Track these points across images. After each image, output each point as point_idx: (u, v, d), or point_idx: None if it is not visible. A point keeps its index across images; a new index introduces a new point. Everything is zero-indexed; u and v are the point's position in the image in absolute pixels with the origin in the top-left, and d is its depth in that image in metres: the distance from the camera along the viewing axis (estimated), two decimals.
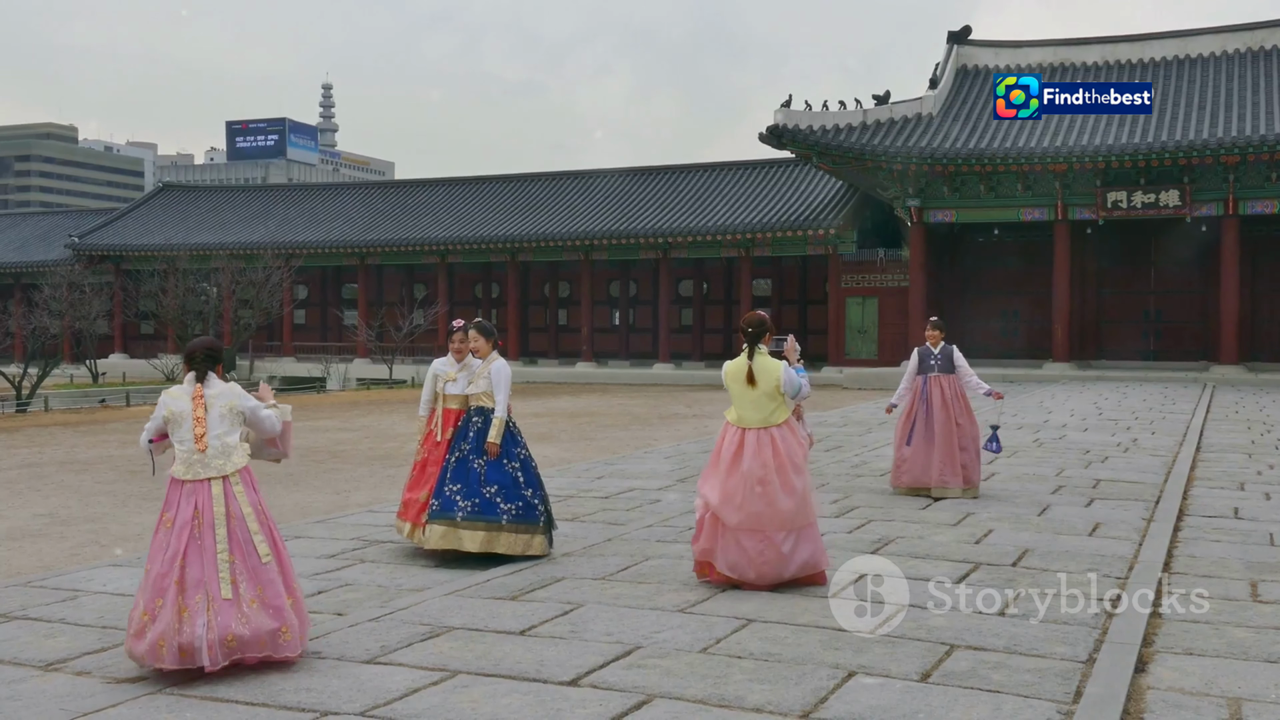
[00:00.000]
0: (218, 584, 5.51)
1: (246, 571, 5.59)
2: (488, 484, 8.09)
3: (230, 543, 5.61)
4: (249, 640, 5.49)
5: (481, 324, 8.54)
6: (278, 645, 5.57)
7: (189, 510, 5.65)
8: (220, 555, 5.56)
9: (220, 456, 5.78)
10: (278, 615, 5.58)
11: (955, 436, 11.17)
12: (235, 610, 5.50)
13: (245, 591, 5.56)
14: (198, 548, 5.57)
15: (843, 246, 40.24)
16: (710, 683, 5.31)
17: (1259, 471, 13.10)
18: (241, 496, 5.74)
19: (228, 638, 5.45)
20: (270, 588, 5.62)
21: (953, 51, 40.71)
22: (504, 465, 8.16)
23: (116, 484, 15.08)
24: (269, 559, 5.66)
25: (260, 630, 5.51)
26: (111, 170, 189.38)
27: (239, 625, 5.47)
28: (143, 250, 51.98)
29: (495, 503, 8.06)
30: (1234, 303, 34.71)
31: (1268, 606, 6.75)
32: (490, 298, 50.85)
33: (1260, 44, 37.88)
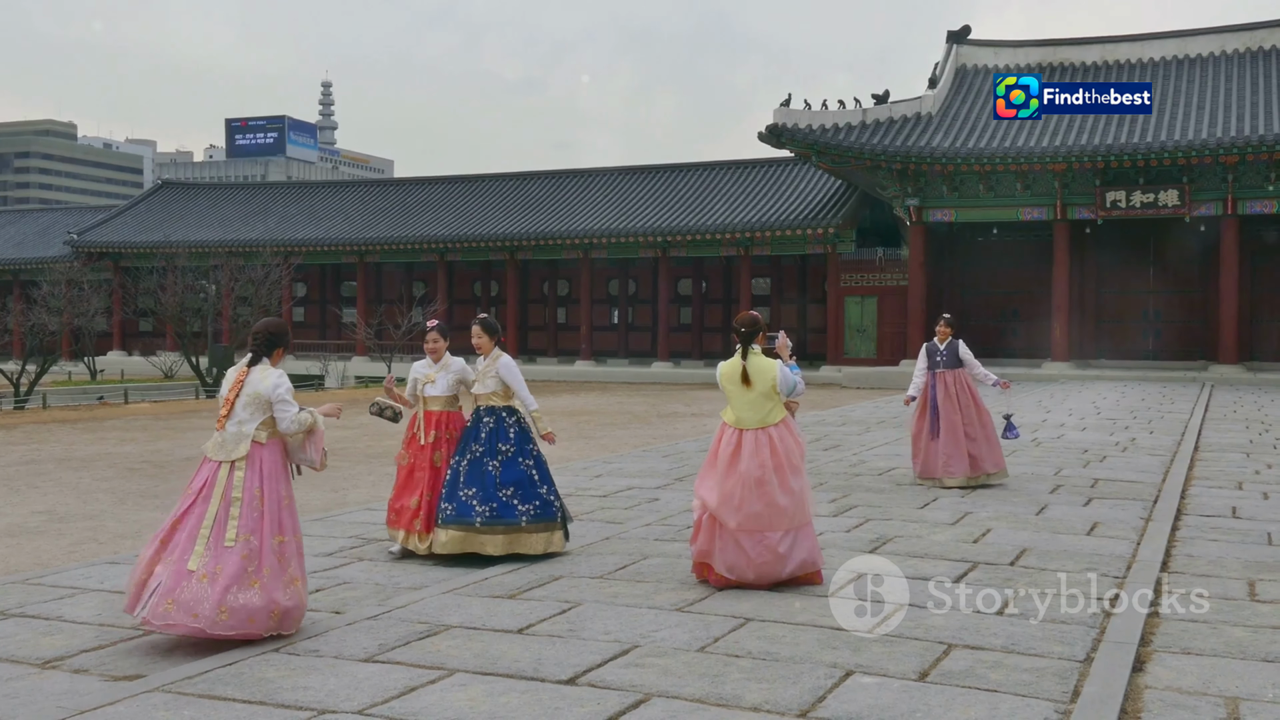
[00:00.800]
0: (190, 555, 5.93)
1: (214, 549, 5.94)
2: (504, 485, 8.00)
3: (214, 522, 5.99)
4: (185, 604, 5.80)
5: (485, 320, 8.38)
6: (213, 620, 5.80)
7: (199, 484, 6.16)
8: (202, 531, 5.97)
9: (232, 442, 6.15)
10: (222, 594, 5.83)
11: (961, 428, 11.76)
12: (187, 580, 5.86)
13: (204, 567, 5.90)
14: (193, 515, 6.04)
15: (842, 246, 40.26)
16: (708, 682, 5.31)
17: (1257, 471, 13.11)
18: (239, 483, 6.05)
19: (167, 599, 5.82)
20: (227, 568, 5.90)
21: (952, 51, 40.71)
22: (519, 463, 8.08)
23: (115, 481, 15.07)
24: (232, 543, 5.94)
25: (200, 601, 5.81)
26: (110, 167, 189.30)
27: (181, 593, 5.83)
28: (141, 247, 51.96)
29: (513, 505, 7.97)
30: (1233, 302, 34.73)
31: (1265, 606, 6.75)
32: (489, 296, 50.85)
33: (1259, 44, 37.89)
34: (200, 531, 5.97)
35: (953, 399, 11.89)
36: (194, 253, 48.21)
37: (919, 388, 12.20)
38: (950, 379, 11.97)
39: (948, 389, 11.93)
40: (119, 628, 6.43)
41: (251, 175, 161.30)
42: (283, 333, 6.50)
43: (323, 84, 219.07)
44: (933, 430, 11.89)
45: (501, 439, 8.14)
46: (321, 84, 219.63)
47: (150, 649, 6.01)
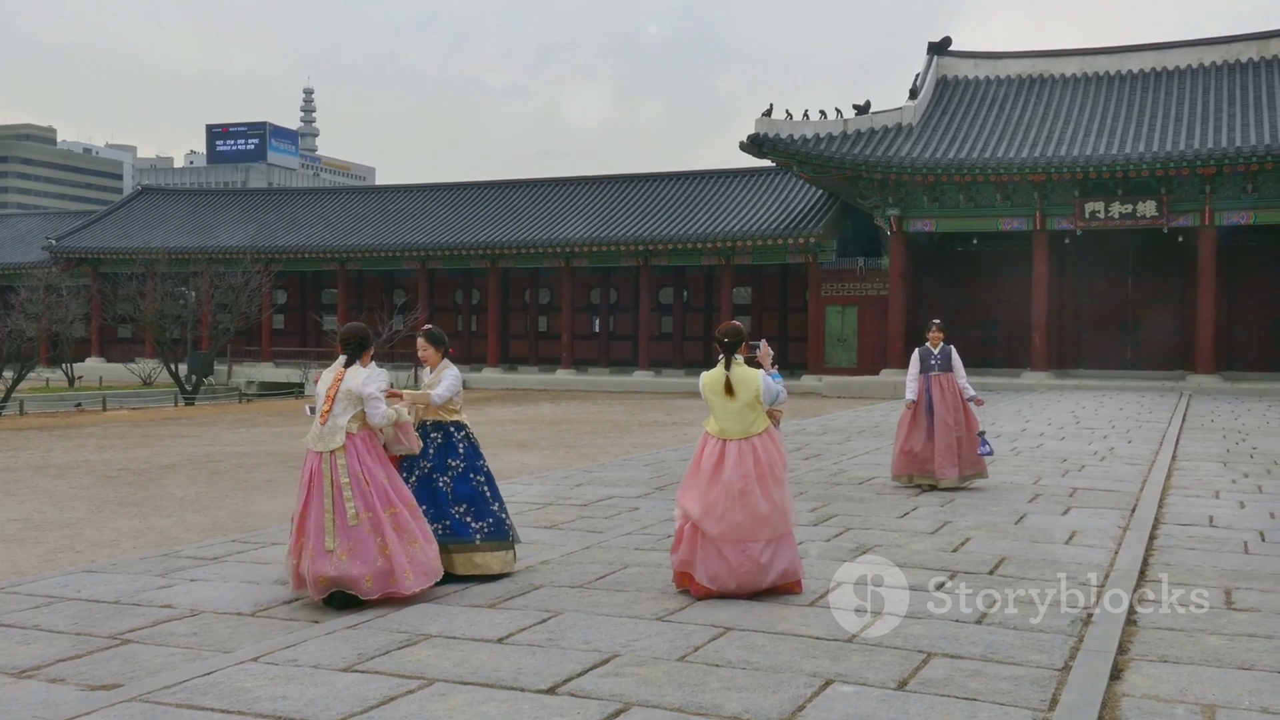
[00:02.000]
0: (323, 537, 6.90)
1: (341, 529, 6.89)
2: (456, 502, 7.71)
3: (333, 506, 6.92)
4: (335, 579, 6.84)
5: (429, 332, 8.03)
6: (364, 589, 6.84)
7: (306, 473, 7.09)
8: (327, 514, 6.92)
9: (329, 434, 7.05)
10: (366, 565, 6.85)
11: (953, 430, 12.18)
12: (329, 558, 6.85)
13: (339, 545, 6.87)
14: (314, 505, 6.98)
15: (823, 255, 40.38)
16: (688, 691, 5.31)
17: (1234, 480, 13.18)
18: (343, 469, 6.97)
19: (320, 578, 6.86)
20: (361, 543, 6.88)
21: (933, 62, 40.92)
22: (471, 480, 7.80)
23: (92, 489, 14.99)
24: (355, 521, 6.89)
25: (345, 574, 6.83)
26: (90, 172, 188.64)
27: (329, 569, 6.84)
28: (121, 253, 51.71)
29: (466, 523, 7.67)
30: (1210, 313, 34.95)
31: (1242, 614, 6.79)
32: (471, 304, 50.80)
33: (1236, 57, 38.19)
34: (325, 515, 6.91)
35: (947, 402, 12.30)
36: (174, 259, 48.01)
37: (915, 391, 12.48)
38: (945, 381, 12.39)
39: (943, 391, 12.33)
40: (96, 636, 6.40)
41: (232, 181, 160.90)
42: (368, 336, 7.39)
43: (304, 90, 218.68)
44: (928, 432, 12.21)
45: (451, 454, 7.82)
46: (303, 90, 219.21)
47: (127, 658, 5.99)
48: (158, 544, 10.73)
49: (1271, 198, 33.87)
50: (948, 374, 12.45)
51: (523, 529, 9.93)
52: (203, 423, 28.01)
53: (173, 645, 6.25)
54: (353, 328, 7.32)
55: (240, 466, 17.74)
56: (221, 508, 13.45)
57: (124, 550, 10.57)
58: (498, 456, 18.16)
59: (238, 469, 17.41)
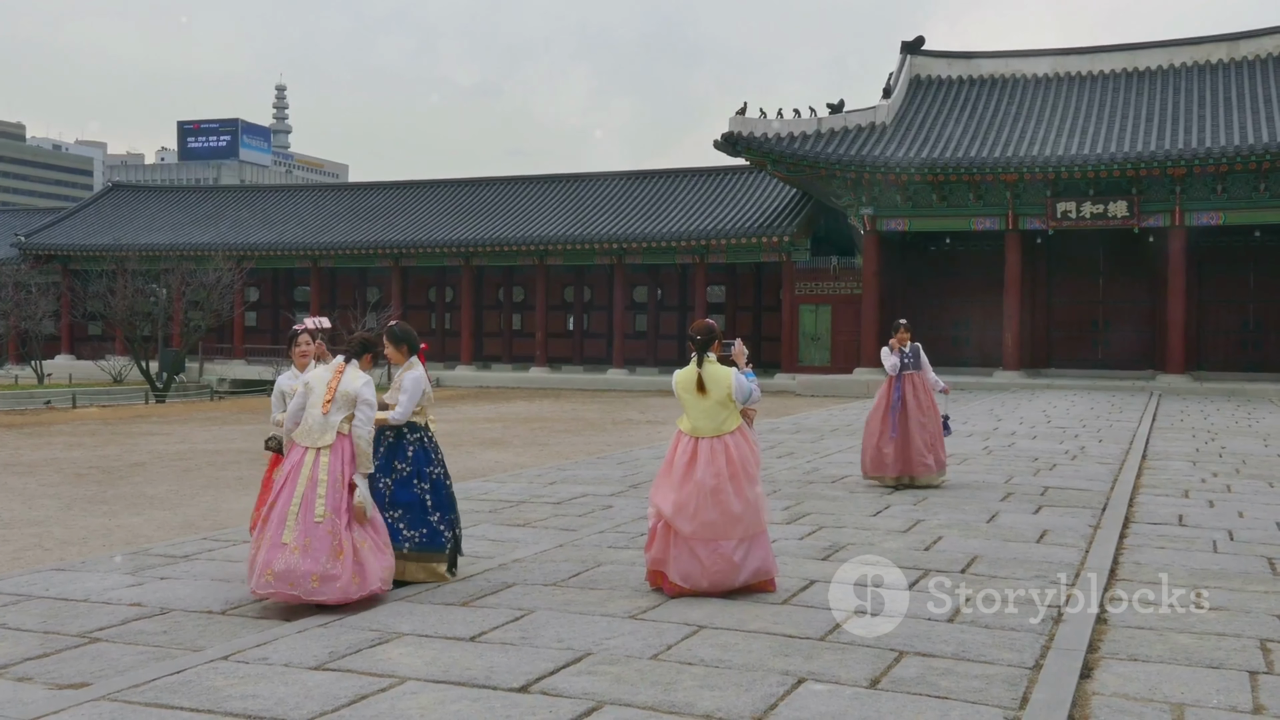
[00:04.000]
0: (282, 529, 6.78)
1: (303, 524, 6.76)
2: (393, 507, 7.44)
3: (302, 501, 6.83)
4: (281, 574, 6.68)
5: (391, 330, 7.79)
6: (309, 589, 6.67)
7: (287, 466, 7.06)
8: (291, 508, 6.82)
9: (319, 430, 7.01)
10: (316, 564, 6.69)
11: (928, 428, 12.33)
12: (282, 551, 6.73)
13: (295, 540, 6.74)
14: (284, 497, 6.90)
15: (797, 254, 40.47)
16: (660, 689, 5.31)
17: (1203, 479, 13.28)
18: (324, 467, 6.92)
19: (267, 571, 6.71)
20: (318, 542, 6.74)
21: (906, 62, 41.05)
22: (413, 485, 7.51)
23: (61, 487, 14.88)
24: (321, 519, 6.78)
25: (294, 569, 6.68)
26: (60, 169, 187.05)
27: (278, 563, 6.71)
28: (91, 250, 51.32)
29: (399, 529, 7.39)
30: (1180, 313, 35.22)
31: (1211, 613, 6.84)
32: (444, 301, 50.67)
33: (1206, 58, 38.49)
34: (290, 509, 6.81)
35: (919, 400, 12.42)
36: (145, 256, 47.66)
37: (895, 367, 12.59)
38: (917, 380, 12.51)
39: (915, 390, 12.45)
40: (64, 635, 6.35)
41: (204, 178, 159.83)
42: (377, 341, 7.52)
43: (277, 87, 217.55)
44: (901, 431, 12.30)
45: (399, 457, 7.55)
46: (275, 87, 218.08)
47: (96, 657, 5.94)
48: (128, 542, 10.66)
49: (1241, 199, 34.17)
50: (918, 372, 12.57)
51: (496, 527, 9.92)
52: (174, 420, 27.83)
53: (142, 644, 6.21)
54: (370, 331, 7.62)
55: (211, 464, 17.63)
56: (192, 506, 13.37)
57: (93, 548, 10.49)
58: (471, 454, 18.12)
59: (209, 467, 17.31)
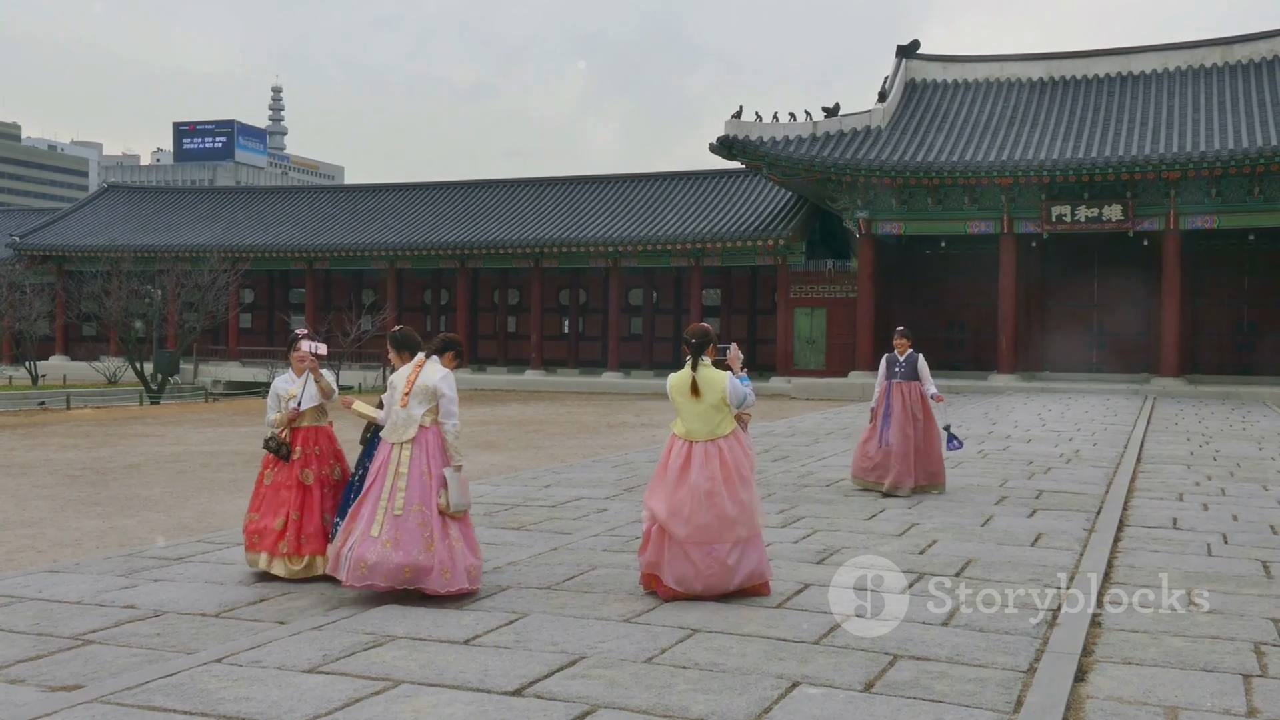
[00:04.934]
0: (373, 523, 7.05)
1: (389, 518, 7.04)
2: None
3: (388, 494, 7.10)
4: (374, 566, 6.94)
5: (392, 335, 7.79)
6: (401, 579, 6.95)
7: (379, 462, 7.29)
8: (381, 503, 7.10)
9: (403, 425, 7.25)
10: (406, 555, 6.94)
11: (912, 441, 12.03)
12: (374, 544, 6.98)
13: (385, 533, 7.00)
14: (374, 492, 7.16)
15: (792, 257, 40.46)
16: (654, 693, 5.31)
17: (1197, 483, 13.30)
18: (406, 460, 7.17)
19: (360, 564, 6.97)
20: (407, 534, 6.99)
21: (901, 65, 41.09)
22: None
23: (55, 488, 14.85)
24: (401, 511, 7.04)
25: (386, 561, 6.93)
26: (55, 169, 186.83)
27: (371, 555, 6.97)
28: (86, 251, 51.22)
29: None
30: (1174, 316, 35.26)
31: (1205, 616, 6.85)
32: (440, 304, 50.63)
33: (1200, 62, 38.55)
34: (380, 503, 7.10)
35: (908, 411, 12.17)
36: (140, 257, 47.58)
37: (876, 398, 12.47)
38: (907, 390, 12.27)
39: (904, 400, 12.22)
40: (57, 637, 6.34)
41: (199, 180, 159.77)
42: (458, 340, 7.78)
43: (273, 89, 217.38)
44: (882, 440, 12.09)
45: None
46: (271, 89, 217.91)
47: (89, 659, 5.93)
48: (121, 544, 10.63)
49: (1235, 202, 34.21)
50: (911, 382, 12.30)
51: (490, 530, 9.92)
52: (168, 422, 27.78)
53: (135, 646, 6.20)
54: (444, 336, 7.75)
55: (206, 466, 17.60)
56: (186, 508, 13.34)
57: (87, 550, 10.47)
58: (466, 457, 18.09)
59: (203, 469, 17.28)
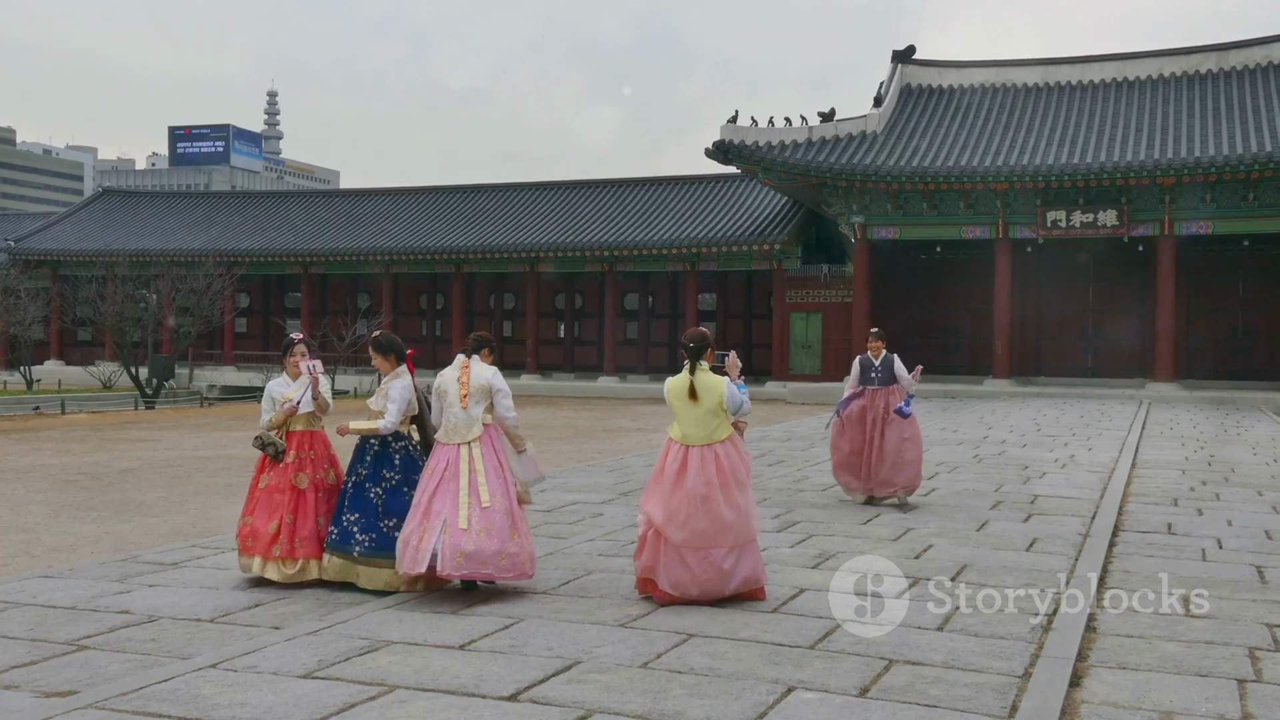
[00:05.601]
0: (458, 517, 7.26)
1: (477, 510, 7.29)
2: (386, 516, 7.56)
3: (470, 488, 7.34)
4: (472, 555, 7.19)
5: (375, 340, 7.80)
6: (499, 566, 7.27)
7: (441, 464, 7.44)
8: (462, 498, 7.32)
9: (465, 426, 7.48)
10: (501, 543, 7.26)
11: (886, 450, 11.45)
12: (467, 534, 7.21)
13: (476, 524, 7.25)
14: (446, 491, 7.34)
15: (788, 262, 40.48)
16: (650, 698, 5.30)
17: (1192, 488, 13.31)
18: (479, 457, 7.43)
19: (457, 554, 7.17)
20: (495, 524, 7.28)
21: (897, 70, 41.14)
22: (404, 494, 7.59)
23: (50, 493, 14.83)
24: (489, 504, 7.32)
25: (483, 549, 7.21)
26: (50, 174, 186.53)
27: (467, 544, 7.19)
28: (81, 255, 51.18)
29: (393, 538, 7.45)
30: (1169, 321, 35.31)
31: (1199, 621, 6.85)
32: (435, 309, 50.61)
33: (1196, 68, 38.63)
34: (460, 499, 7.31)
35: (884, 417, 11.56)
36: (135, 262, 47.53)
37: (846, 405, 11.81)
38: (884, 396, 11.65)
39: (882, 406, 11.61)
40: (52, 643, 6.33)
41: (195, 184, 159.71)
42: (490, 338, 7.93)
43: (268, 93, 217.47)
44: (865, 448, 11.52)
45: (386, 465, 7.66)
46: (267, 93, 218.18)
47: (84, 665, 5.92)
48: (116, 549, 10.62)
49: (1229, 208, 34.28)
50: (889, 388, 11.66)
51: None
52: (163, 427, 27.75)
53: (130, 651, 6.19)
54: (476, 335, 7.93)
55: (201, 471, 17.59)
56: (181, 513, 13.33)
57: (82, 555, 10.46)
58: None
59: (198, 473, 17.27)
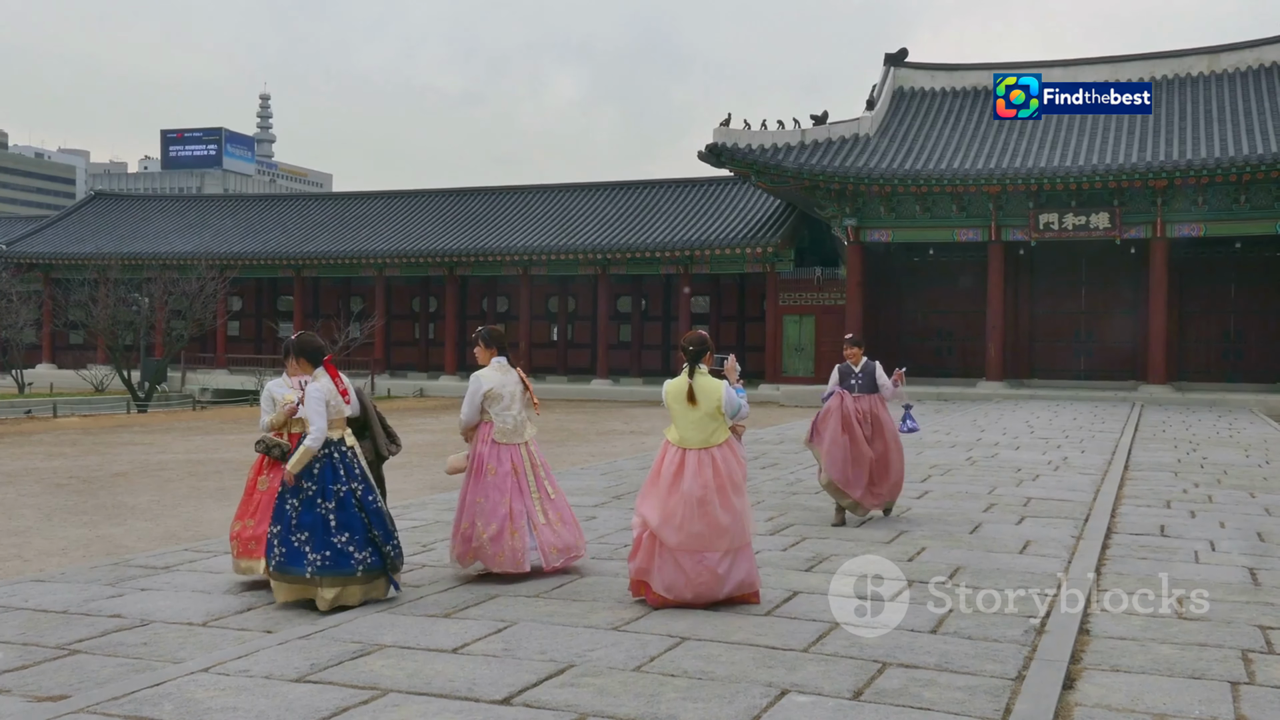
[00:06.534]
0: (537, 513, 7.97)
1: (546, 502, 8.07)
2: (299, 530, 7.12)
3: (536, 484, 8.06)
4: (563, 547, 8.05)
5: (290, 342, 7.49)
6: (580, 546, 8.26)
7: (507, 465, 7.98)
8: (533, 494, 8.02)
9: (520, 428, 8.12)
10: (573, 531, 8.21)
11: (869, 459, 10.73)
12: (549, 529, 8.00)
13: (550, 516, 8.03)
14: (521, 489, 7.97)
15: (781, 265, 40.52)
16: (643, 701, 5.30)
17: (1185, 490, 13.33)
18: (535, 454, 8.16)
19: (551, 549, 7.98)
20: (564, 512, 8.19)
21: (890, 73, 41.21)
22: (318, 505, 7.15)
23: (41, 497, 14.79)
24: (555, 494, 8.18)
25: (567, 540, 8.10)
26: (42, 177, 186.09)
27: (554, 538, 8.01)
28: (73, 259, 51.11)
29: (303, 552, 7.08)
30: (1162, 323, 35.40)
31: (1193, 624, 6.86)
32: (428, 311, 50.59)
33: (1187, 70, 38.74)
34: (532, 495, 8.01)
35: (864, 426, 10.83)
36: (127, 265, 47.47)
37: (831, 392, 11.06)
38: (865, 405, 10.92)
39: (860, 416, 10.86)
40: (43, 647, 6.31)
41: (187, 187, 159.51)
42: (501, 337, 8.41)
43: (261, 96, 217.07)
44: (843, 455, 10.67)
45: (305, 475, 7.20)
46: (260, 96, 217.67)
47: (75, 669, 5.90)
48: (108, 553, 10.60)
49: (1221, 210, 34.38)
50: (871, 396, 10.91)
51: None
52: (155, 430, 27.70)
53: (122, 655, 6.17)
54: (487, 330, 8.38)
55: (193, 474, 17.55)
56: (173, 516, 13.30)
57: (73, 559, 10.43)
58: None
59: (190, 477, 17.23)
